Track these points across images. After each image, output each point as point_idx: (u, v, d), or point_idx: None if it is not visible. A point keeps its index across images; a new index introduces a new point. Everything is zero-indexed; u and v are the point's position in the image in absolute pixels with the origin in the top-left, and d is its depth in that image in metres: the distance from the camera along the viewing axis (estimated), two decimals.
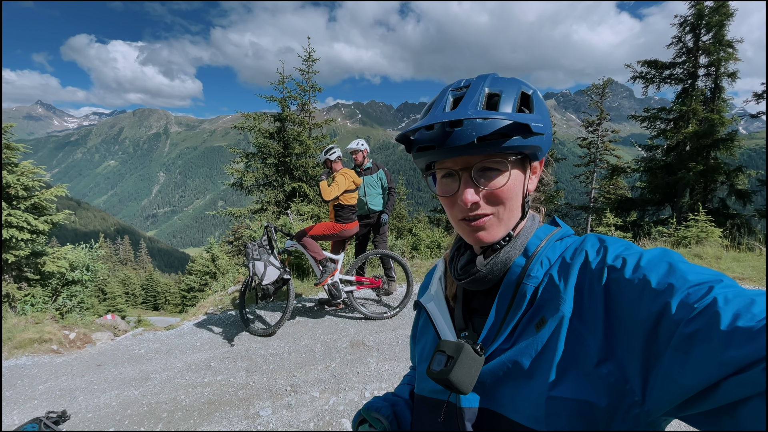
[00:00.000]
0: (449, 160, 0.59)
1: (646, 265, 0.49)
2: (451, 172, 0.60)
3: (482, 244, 0.61)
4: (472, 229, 0.60)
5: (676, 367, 0.41)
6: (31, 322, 4.85)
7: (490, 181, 0.58)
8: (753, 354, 0.36)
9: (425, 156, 0.60)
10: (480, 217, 0.59)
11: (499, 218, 0.60)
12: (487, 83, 0.59)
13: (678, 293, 0.44)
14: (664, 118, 13.06)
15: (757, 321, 0.37)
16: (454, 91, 0.61)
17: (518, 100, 0.59)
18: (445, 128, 0.56)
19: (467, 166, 0.58)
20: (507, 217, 0.61)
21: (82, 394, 3.25)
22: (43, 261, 7.71)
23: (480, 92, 0.58)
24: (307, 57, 13.95)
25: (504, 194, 0.58)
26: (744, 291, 0.42)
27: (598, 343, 0.49)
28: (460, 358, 0.56)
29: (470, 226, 0.60)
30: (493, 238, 0.61)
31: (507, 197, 0.59)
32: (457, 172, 0.59)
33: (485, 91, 0.58)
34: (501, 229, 0.61)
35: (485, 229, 0.60)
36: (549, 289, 0.56)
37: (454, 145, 0.56)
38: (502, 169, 0.58)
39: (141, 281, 35.90)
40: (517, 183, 0.60)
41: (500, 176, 0.58)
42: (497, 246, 0.63)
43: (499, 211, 0.60)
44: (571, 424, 0.49)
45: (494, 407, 0.56)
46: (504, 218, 0.60)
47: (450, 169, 0.59)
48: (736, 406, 0.37)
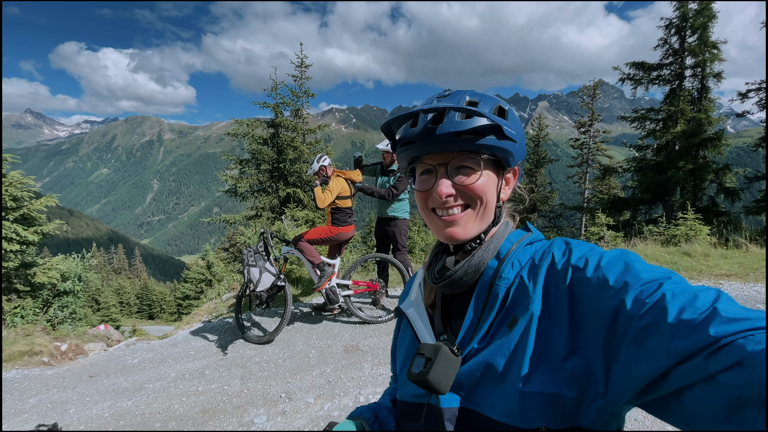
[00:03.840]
0: (428, 157, 0.64)
1: (605, 264, 0.52)
2: (430, 169, 0.64)
3: (454, 241, 0.64)
4: (443, 224, 0.64)
5: (632, 359, 0.45)
6: (21, 334, 4.79)
7: (465, 178, 0.62)
8: (695, 344, 0.40)
9: (407, 151, 0.65)
10: (452, 213, 0.63)
11: (471, 215, 0.63)
12: (468, 93, 0.64)
13: (632, 290, 0.47)
14: (653, 118, 13.23)
15: (699, 314, 0.41)
16: (438, 97, 0.66)
17: (495, 110, 0.64)
18: (427, 125, 0.61)
19: (444, 162, 0.63)
20: (479, 215, 0.64)
21: (73, 406, 3.21)
22: (33, 272, 7.61)
23: (461, 97, 0.63)
24: (300, 63, 13.99)
25: (477, 191, 0.62)
26: (690, 287, 0.46)
27: (564, 338, 0.52)
28: (438, 359, 0.57)
29: (441, 221, 0.64)
30: (465, 235, 0.64)
31: (480, 194, 0.63)
32: (434, 167, 0.63)
33: (466, 98, 0.63)
34: (473, 227, 0.64)
35: (457, 224, 0.63)
36: (520, 290, 0.58)
37: (434, 139, 0.61)
38: (476, 168, 0.62)
39: (135, 290, 35.51)
40: (490, 183, 0.64)
41: (474, 174, 0.62)
42: (468, 248, 0.66)
43: (472, 209, 0.63)
44: (543, 417, 0.51)
45: (472, 406, 0.58)
46: (477, 215, 0.64)
47: (428, 164, 0.64)
48: (682, 392, 0.41)
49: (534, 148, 19.68)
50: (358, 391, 3.10)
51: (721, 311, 0.40)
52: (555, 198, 19.02)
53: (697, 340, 0.40)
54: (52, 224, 8.14)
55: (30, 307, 7.32)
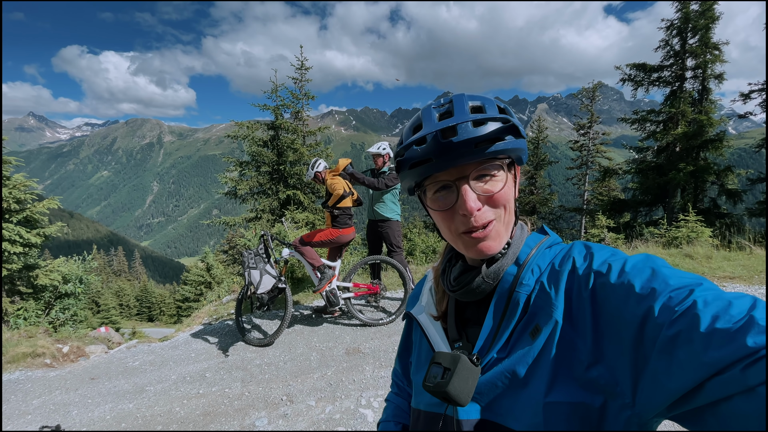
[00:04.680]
0: (443, 173, 0.59)
1: (630, 270, 0.50)
2: (446, 185, 0.59)
3: (487, 256, 0.60)
4: (474, 241, 0.59)
5: (662, 370, 0.42)
6: (23, 336, 4.80)
7: (488, 186, 0.58)
8: (732, 354, 0.37)
9: (419, 171, 0.60)
10: (483, 228, 0.58)
11: (501, 224, 0.60)
12: (467, 98, 0.60)
13: (660, 297, 0.45)
14: (653, 120, 13.24)
15: (734, 323, 0.39)
16: (437, 108, 0.61)
17: (497, 110, 0.60)
18: (439, 140, 0.56)
19: (463, 176, 0.58)
20: (507, 221, 0.61)
21: (75, 408, 3.21)
22: (35, 274, 7.63)
23: (465, 104, 0.59)
24: (300, 65, 14.03)
25: (502, 198, 0.59)
26: (723, 293, 0.43)
27: (588, 346, 0.50)
28: (457, 369, 0.56)
29: (472, 239, 0.59)
30: (499, 245, 0.60)
31: (505, 200, 0.59)
32: (453, 183, 0.58)
33: (469, 104, 0.59)
34: (504, 236, 0.61)
35: (490, 238, 0.59)
36: (541, 297, 0.56)
37: (451, 153, 0.56)
38: (496, 173, 0.58)
39: (135, 292, 35.53)
40: (510, 186, 0.60)
41: (496, 180, 0.58)
42: (498, 256, 0.62)
43: (501, 216, 0.60)
44: (568, 428, 0.49)
45: (493, 417, 0.56)
46: (505, 223, 0.61)
47: (445, 181, 0.59)
48: (719, 404, 0.39)
49: (534, 150, 19.71)
50: (359, 393, 3.10)
51: (758, 320, 0.38)
52: (554, 200, 19.04)
53: (733, 350, 0.37)
54: (54, 227, 8.17)
55: (32, 309, 7.34)
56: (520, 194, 20.73)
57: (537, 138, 19.84)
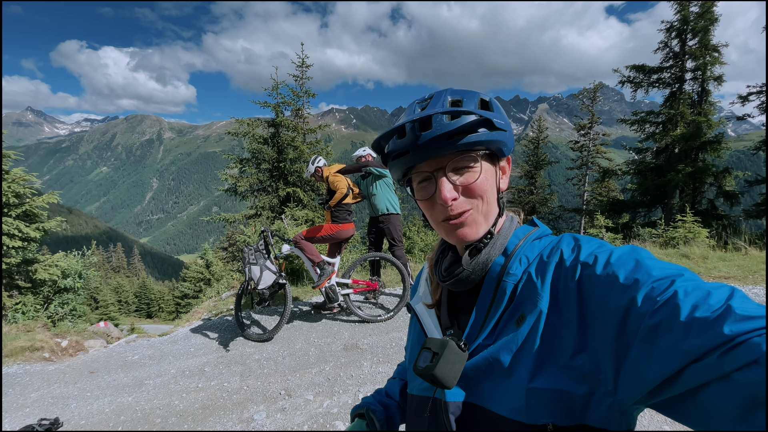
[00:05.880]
0: (423, 164, 0.62)
1: (615, 261, 0.51)
2: (428, 176, 0.63)
3: (466, 242, 0.63)
4: (453, 227, 0.62)
5: (643, 358, 0.44)
6: (22, 330, 4.81)
7: (465, 177, 0.61)
8: (709, 342, 0.39)
9: (400, 162, 0.64)
10: (460, 215, 0.61)
11: (478, 213, 0.62)
12: (448, 93, 0.64)
13: (643, 287, 0.46)
14: (652, 121, 13.26)
15: (713, 311, 0.40)
16: (420, 103, 0.65)
17: (478, 103, 0.63)
18: (415, 132, 0.60)
19: (441, 167, 0.61)
20: (486, 211, 0.63)
21: (74, 402, 3.23)
22: (34, 268, 7.64)
23: (444, 98, 0.63)
24: (301, 63, 14.03)
25: (479, 188, 0.61)
26: (703, 284, 0.45)
27: (573, 336, 0.52)
28: (445, 354, 0.58)
29: (451, 225, 0.62)
30: (476, 234, 0.63)
31: (482, 190, 0.62)
32: (432, 174, 0.62)
33: (448, 99, 0.63)
34: (482, 225, 0.63)
35: (467, 225, 0.62)
36: (527, 287, 0.58)
37: (426, 146, 0.59)
38: (473, 165, 0.61)
39: (134, 289, 35.50)
40: (489, 177, 0.63)
41: (472, 171, 0.61)
42: (480, 246, 0.64)
43: (477, 206, 0.62)
44: (550, 414, 0.51)
45: (478, 401, 0.58)
46: (483, 212, 0.63)
47: (425, 172, 0.63)
48: (697, 391, 0.40)
49: (534, 150, 19.73)
50: (357, 388, 3.12)
51: (735, 309, 0.39)
52: (554, 200, 19.07)
53: (710, 338, 0.39)
54: (53, 221, 8.17)
55: (31, 303, 7.34)
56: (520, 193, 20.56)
57: (537, 138, 19.86)
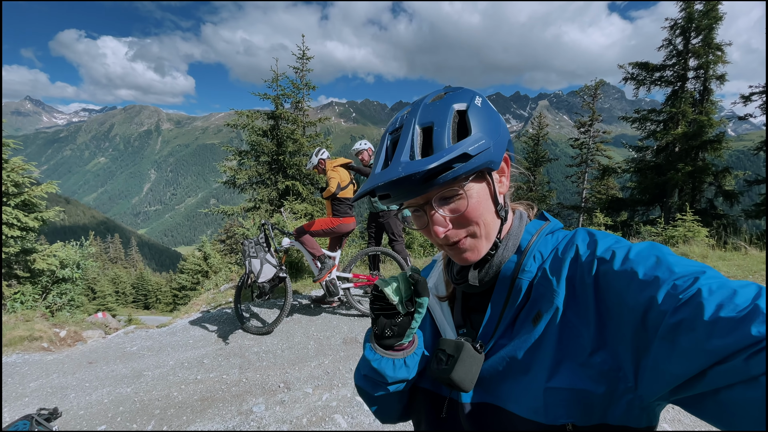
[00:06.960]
0: (410, 200, 0.59)
1: (634, 257, 0.49)
2: (417, 207, 0.60)
3: (469, 263, 0.61)
4: (455, 252, 0.60)
5: (664, 356, 0.42)
6: (21, 319, 4.80)
7: (454, 205, 0.57)
8: (735, 344, 0.37)
9: (387, 201, 0.60)
10: (457, 243, 0.59)
11: (477, 237, 0.59)
12: (417, 118, 0.57)
13: (664, 284, 0.44)
14: (654, 119, 13.25)
15: (739, 311, 0.38)
16: (391, 134, 0.60)
17: (452, 125, 0.56)
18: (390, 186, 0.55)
19: (427, 201, 0.58)
20: (484, 232, 0.60)
21: (73, 392, 3.23)
22: (33, 258, 7.62)
23: (412, 131, 0.56)
24: (302, 55, 13.93)
25: (471, 215, 0.57)
26: (728, 282, 0.43)
27: (591, 333, 0.50)
28: (461, 357, 0.57)
29: (453, 249, 0.60)
30: (478, 256, 0.60)
31: (476, 216, 0.58)
32: (421, 207, 0.59)
33: (417, 130, 0.56)
34: (483, 246, 0.60)
35: (468, 250, 0.60)
36: (543, 283, 0.57)
37: (404, 192, 0.56)
38: (460, 192, 0.56)
39: (131, 280, 35.49)
40: (481, 198, 0.58)
41: (461, 200, 0.57)
42: (487, 257, 0.62)
43: (474, 231, 0.59)
44: (569, 413, 0.50)
45: (495, 401, 0.57)
46: (481, 234, 0.60)
47: (415, 205, 0.60)
48: (720, 392, 0.39)
49: (533, 147, 19.72)
50: None
51: (763, 309, 0.37)
52: (553, 197, 19.10)
53: (737, 339, 0.37)
54: (52, 211, 8.13)
55: (29, 293, 7.33)
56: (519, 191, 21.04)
57: (537, 135, 19.84)
